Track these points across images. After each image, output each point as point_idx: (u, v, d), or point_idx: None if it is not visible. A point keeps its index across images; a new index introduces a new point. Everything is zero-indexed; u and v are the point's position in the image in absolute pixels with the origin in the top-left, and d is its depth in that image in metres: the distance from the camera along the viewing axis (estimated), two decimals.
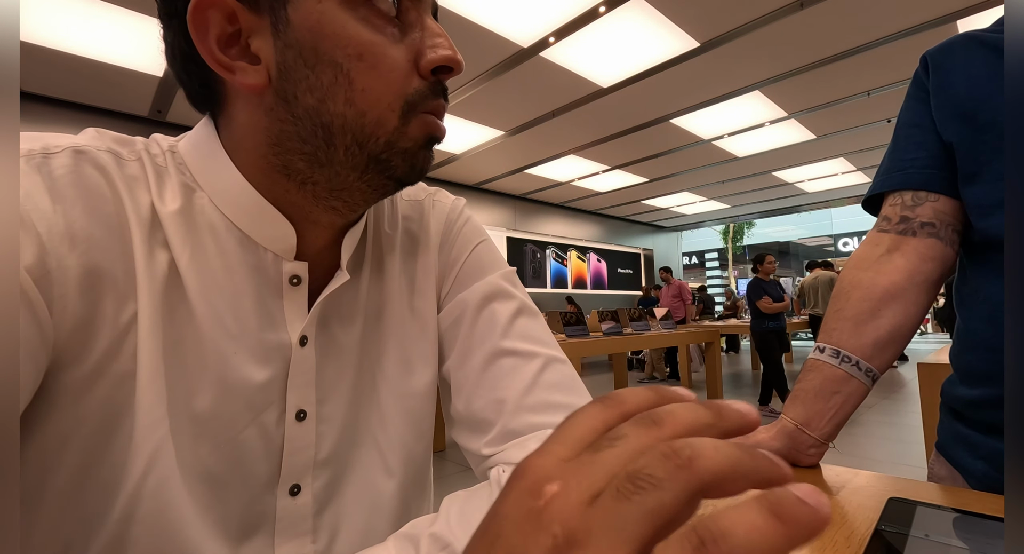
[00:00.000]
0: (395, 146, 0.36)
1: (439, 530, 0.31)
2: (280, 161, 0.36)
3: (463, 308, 0.45)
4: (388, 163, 0.36)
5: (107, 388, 0.32)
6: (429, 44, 0.36)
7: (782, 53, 4.01)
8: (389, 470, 0.44)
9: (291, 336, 0.39)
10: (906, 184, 0.63)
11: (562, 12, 3.38)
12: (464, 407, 0.43)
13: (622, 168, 7.12)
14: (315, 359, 0.40)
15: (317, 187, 0.37)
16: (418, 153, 0.37)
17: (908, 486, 0.50)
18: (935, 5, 3.42)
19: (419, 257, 0.47)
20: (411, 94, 0.35)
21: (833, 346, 0.60)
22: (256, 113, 0.35)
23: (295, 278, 0.39)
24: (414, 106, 0.36)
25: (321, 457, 0.41)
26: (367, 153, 0.36)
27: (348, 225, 0.42)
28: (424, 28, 0.37)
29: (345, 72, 0.34)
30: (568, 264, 9.77)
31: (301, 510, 0.40)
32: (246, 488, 0.37)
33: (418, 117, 0.36)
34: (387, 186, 0.38)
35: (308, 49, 0.33)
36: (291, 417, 0.39)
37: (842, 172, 7.81)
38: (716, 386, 4.29)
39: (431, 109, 0.37)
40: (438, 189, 0.52)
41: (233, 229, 0.37)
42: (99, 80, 4.13)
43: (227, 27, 0.34)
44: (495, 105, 4.85)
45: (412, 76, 0.36)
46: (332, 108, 0.34)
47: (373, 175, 0.37)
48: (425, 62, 0.36)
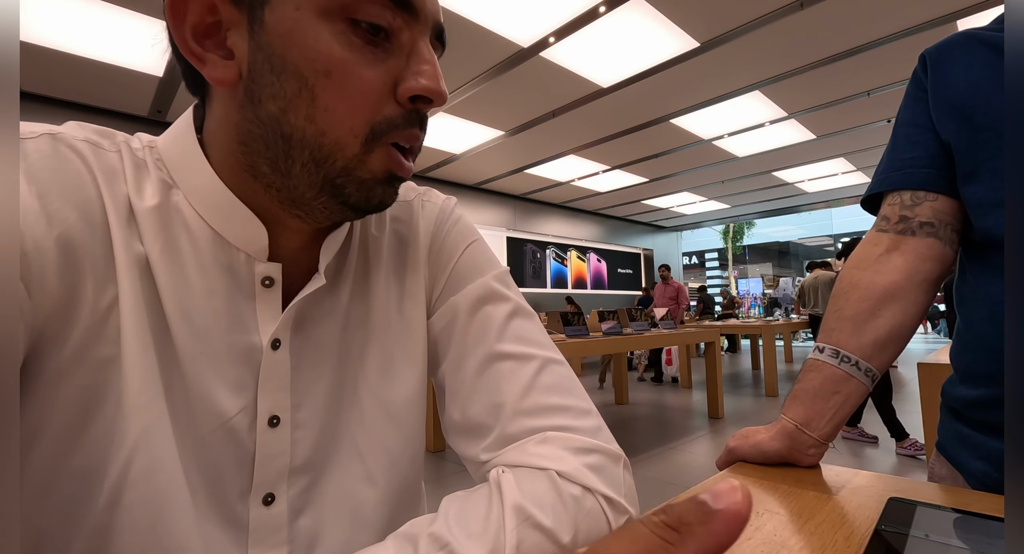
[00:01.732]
0: (352, 174, 0.34)
1: (438, 530, 0.31)
2: (247, 160, 0.36)
3: (455, 312, 0.44)
4: (343, 189, 0.35)
5: (87, 373, 0.32)
6: (412, 70, 0.34)
7: (782, 53, 4.01)
8: (371, 478, 0.42)
9: (262, 339, 0.38)
10: (905, 184, 0.63)
11: (562, 12, 3.38)
12: (460, 413, 0.42)
13: (622, 168, 7.12)
14: (289, 363, 0.39)
15: (280, 193, 0.36)
16: (375, 187, 0.36)
17: (908, 486, 0.50)
18: (935, 5, 3.42)
19: (408, 260, 0.46)
20: (379, 121, 0.34)
21: (833, 346, 0.60)
22: (230, 106, 0.35)
23: (267, 280, 0.38)
24: (380, 134, 0.34)
25: (296, 464, 0.39)
26: (323, 174, 0.34)
27: (326, 229, 0.41)
28: (413, 53, 0.35)
29: (309, 87, 0.32)
30: (568, 264, 9.77)
31: (275, 520, 0.38)
32: (220, 492, 0.36)
33: (383, 147, 0.35)
34: (344, 211, 0.37)
35: (276, 56, 0.32)
36: (263, 423, 0.38)
37: (842, 172, 7.82)
38: (716, 386, 4.29)
39: (402, 139, 0.35)
40: (428, 189, 0.51)
41: (206, 227, 0.37)
42: (99, 80, 4.14)
43: (207, 17, 0.33)
44: (495, 105, 4.85)
45: (387, 101, 0.34)
46: (292, 120, 0.33)
47: (328, 198, 0.35)
48: (402, 89, 0.34)
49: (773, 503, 0.47)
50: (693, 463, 3.14)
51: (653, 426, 4.12)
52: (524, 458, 0.37)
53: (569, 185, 7.97)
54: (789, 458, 0.57)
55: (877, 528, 0.39)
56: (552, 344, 0.45)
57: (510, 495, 0.33)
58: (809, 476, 0.54)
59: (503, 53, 3.86)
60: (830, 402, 0.58)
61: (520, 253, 8.91)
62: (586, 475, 0.36)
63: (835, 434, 0.58)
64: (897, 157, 0.64)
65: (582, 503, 0.34)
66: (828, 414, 0.58)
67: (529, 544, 0.31)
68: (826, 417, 0.58)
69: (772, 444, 0.58)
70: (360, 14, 0.32)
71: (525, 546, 0.31)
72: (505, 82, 4.33)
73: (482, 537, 0.31)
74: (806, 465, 0.58)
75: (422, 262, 0.47)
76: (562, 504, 0.34)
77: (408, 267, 0.46)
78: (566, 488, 0.34)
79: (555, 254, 9.51)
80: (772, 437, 0.59)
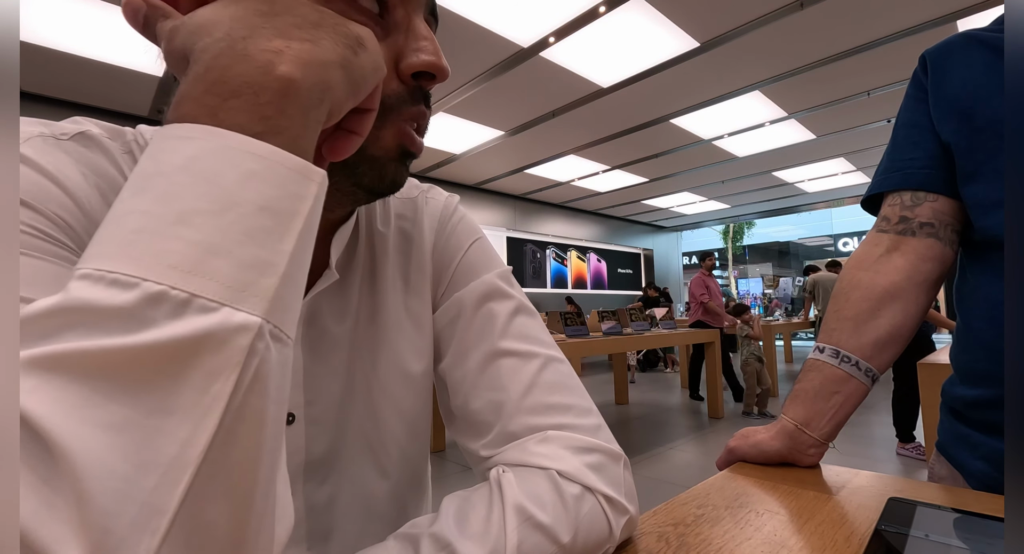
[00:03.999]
0: (364, 152, 0.34)
1: (439, 530, 0.31)
2: None
3: (460, 307, 0.45)
4: (355, 169, 0.34)
5: None
6: (412, 47, 0.34)
7: (782, 53, 4.01)
8: (383, 471, 0.43)
9: None
10: (904, 184, 0.63)
11: (562, 12, 3.38)
12: (462, 407, 0.42)
13: (622, 168, 7.12)
14: (302, 360, 0.40)
15: None
16: (388, 165, 0.35)
17: (908, 486, 0.50)
18: (935, 5, 3.42)
19: (413, 255, 0.47)
20: (388, 96, 0.33)
21: (833, 346, 0.60)
22: None
23: None
24: (390, 108, 0.34)
25: (311, 460, 0.40)
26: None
27: (335, 223, 0.41)
28: (410, 30, 0.35)
29: None
30: (568, 264, 9.77)
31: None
32: None
33: (394, 124, 0.34)
34: (356, 194, 0.37)
35: None
36: None
37: (842, 172, 7.82)
38: (716, 386, 4.29)
39: (410, 116, 0.35)
40: (431, 186, 0.51)
41: None
42: (99, 80, 4.14)
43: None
44: (495, 105, 4.85)
45: (391, 79, 0.34)
46: None
47: (340, 178, 0.35)
48: (404, 65, 0.34)
49: (773, 503, 0.47)
50: (693, 463, 3.14)
51: (653, 426, 4.12)
52: (525, 457, 0.37)
53: (569, 185, 7.97)
54: (789, 458, 0.57)
55: (877, 528, 0.39)
56: (554, 343, 0.45)
57: (511, 495, 0.33)
58: (809, 476, 0.55)
59: (503, 53, 3.85)
60: (830, 402, 0.58)
61: (520, 253, 8.90)
62: (586, 474, 0.36)
63: (835, 434, 0.58)
64: (897, 157, 0.65)
65: (582, 502, 0.35)
66: (828, 414, 0.58)
67: (530, 544, 0.31)
68: (826, 417, 0.58)
69: (772, 444, 0.58)
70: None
71: (526, 546, 0.31)
72: (505, 82, 4.33)
73: (483, 537, 0.31)
74: (806, 465, 0.58)
75: (427, 257, 0.47)
76: (562, 504, 0.34)
77: (414, 262, 0.47)
78: (566, 487, 0.35)
79: (555, 254, 9.51)
80: (772, 437, 0.59)
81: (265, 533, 0.21)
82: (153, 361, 0.18)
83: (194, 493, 0.18)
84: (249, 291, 0.21)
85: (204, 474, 0.18)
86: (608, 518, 0.35)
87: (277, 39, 0.25)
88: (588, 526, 0.34)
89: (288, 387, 0.23)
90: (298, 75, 0.24)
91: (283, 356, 0.22)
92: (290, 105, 0.24)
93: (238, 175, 0.22)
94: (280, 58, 0.24)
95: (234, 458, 0.19)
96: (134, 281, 0.19)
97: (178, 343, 0.19)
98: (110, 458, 0.17)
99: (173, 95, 0.25)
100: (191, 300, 0.19)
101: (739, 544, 0.39)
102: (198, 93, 0.23)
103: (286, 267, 0.22)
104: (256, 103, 0.23)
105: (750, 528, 0.41)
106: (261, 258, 0.21)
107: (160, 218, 0.20)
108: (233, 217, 0.21)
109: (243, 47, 0.24)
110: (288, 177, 0.23)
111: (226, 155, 0.22)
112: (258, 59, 0.24)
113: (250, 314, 0.20)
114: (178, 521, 0.18)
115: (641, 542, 0.39)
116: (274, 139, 0.23)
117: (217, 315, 0.20)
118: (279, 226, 0.22)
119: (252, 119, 0.23)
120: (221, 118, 0.22)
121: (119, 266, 0.19)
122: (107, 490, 0.17)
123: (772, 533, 0.40)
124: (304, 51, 0.25)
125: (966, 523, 0.39)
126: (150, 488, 0.17)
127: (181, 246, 0.20)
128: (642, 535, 0.41)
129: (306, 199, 0.23)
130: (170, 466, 0.18)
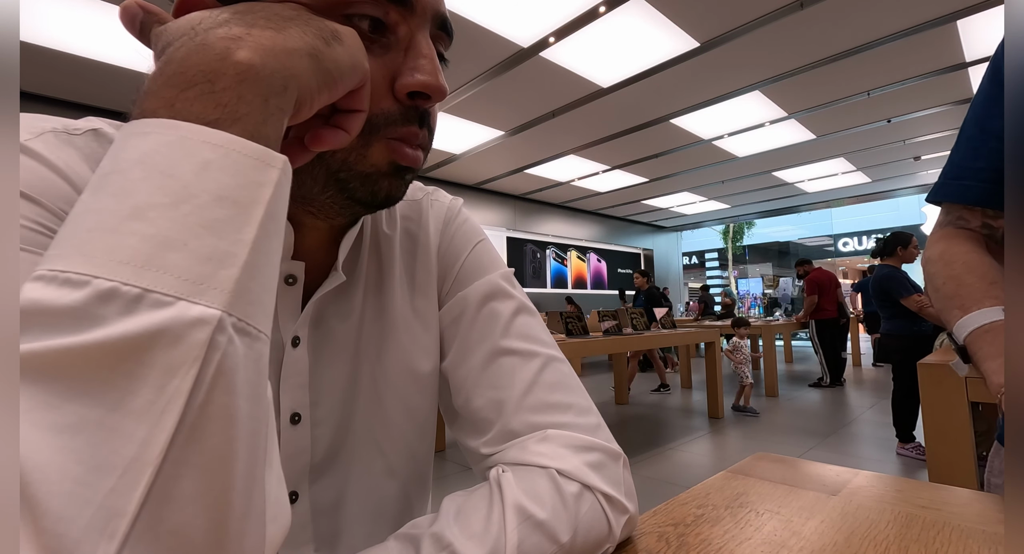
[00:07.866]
0: (352, 168, 0.34)
1: (439, 530, 0.31)
2: None
3: (464, 305, 0.45)
4: (347, 184, 0.34)
5: None
6: (410, 65, 0.33)
7: (782, 53, 4.01)
8: (391, 471, 0.43)
9: (283, 336, 0.39)
10: (962, 198, 0.62)
11: (562, 12, 3.38)
12: (463, 405, 0.43)
13: (622, 168, 7.12)
14: (308, 360, 0.40)
15: (291, 191, 0.36)
16: (380, 180, 0.35)
17: (908, 486, 0.50)
18: (935, 5, 3.42)
19: (419, 256, 0.47)
20: (377, 114, 0.33)
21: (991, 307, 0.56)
22: None
23: (291, 278, 0.39)
24: (376, 128, 0.33)
25: (317, 461, 0.40)
26: (324, 167, 0.34)
27: (342, 229, 0.41)
28: (411, 48, 0.34)
29: None
30: (568, 264, 9.77)
31: (299, 518, 0.39)
32: None
33: (382, 142, 0.34)
34: (352, 206, 0.36)
35: None
36: (285, 420, 0.38)
37: (842, 172, 7.82)
38: (716, 386, 4.29)
39: (400, 135, 0.34)
40: (435, 188, 0.52)
41: None
42: (99, 80, 4.14)
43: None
44: (495, 105, 4.85)
45: (384, 97, 0.33)
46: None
47: (334, 192, 0.35)
48: (399, 85, 0.33)
49: (773, 503, 0.47)
50: (693, 463, 3.14)
51: (653, 426, 4.11)
52: (525, 456, 0.37)
53: (569, 185, 7.96)
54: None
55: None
56: (554, 342, 0.45)
57: (510, 495, 0.33)
58: (809, 476, 0.55)
59: (503, 53, 3.85)
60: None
61: (520, 253, 8.90)
62: (586, 473, 0.36)
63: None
64: (958, 163, 0.63)
65: (582, 501, 0.35)
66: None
67: (530, 543, 0.31)
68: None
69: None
70: (353, 9, 0.32)
71: (526, 545, 0.31)
72: (505, 82, 4.33)
73: (483, 537, 0.31)
74: None
75: (433, 258, 0.47)
76: (562, 503, 0.34)
77: (420, 263, 0.47)
78: (566, 486, 0.35)
79: (555, 254, 9.51)
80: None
81: (252, 535, 0.20)
82: (107, 359, 0.18)
83: (156, 495, 0.17)
84: (208, 284, 0.20)
85: (167, 475, 0.18)
86: (608, 517, 0.35)
87: (238, 28, 0.25)
88: (588, 525, 0.34)
89: (267, 384, 0.22)
90: (257, 61, 0.24)
91: (255, 351, 0.21)
92: (248, 91, 0.23)
93: (194, 166, 0.21)
94: (238, 44, 0.24)
95: (202, 458, 0.19)
96: (85, 279, 0.19)
97: (129, 340, 0.18)
98: (62, 461, 0.17)
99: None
100: (144, 295, 0.19)
101: (739, 544, 0.39)
102: (157, 87, 0.23)
103: (247, 257, 0.21)
104: (212, 90, 0.23)
105: (750, 528, 0.41)
106: (220, 249, 0.21)
107: (114, 214, 0.20)
108: (189, 209, 0.21)
109: (203, 38, 0.24)
110: (246, 164, 0.22)
111: (182, 146, 0.21)
112: (216, 47, 0.23)
113: (208, 307, 0.20)
114: (139, 524, 0.17)
115: (641, 542, 0.39)
116: (232, 127, 0.23)
117: (171, 310, 0.19)
118: (238, 215, 0.22)
119: (208, 107, 0.22)
120: (178, 109, 0.22)
121: (72, 265, 0.19)
122: (59, 493, 0.16)
123: (772, 533, 0.40)
124: (266, 38, 0.25)
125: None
126: (107, 490, 0.17)
127: (134, 241, 0.19)
128: (642, 535, 0.41)
129: (266, 186, 0.23)
130: (128, 467, 0.17)
